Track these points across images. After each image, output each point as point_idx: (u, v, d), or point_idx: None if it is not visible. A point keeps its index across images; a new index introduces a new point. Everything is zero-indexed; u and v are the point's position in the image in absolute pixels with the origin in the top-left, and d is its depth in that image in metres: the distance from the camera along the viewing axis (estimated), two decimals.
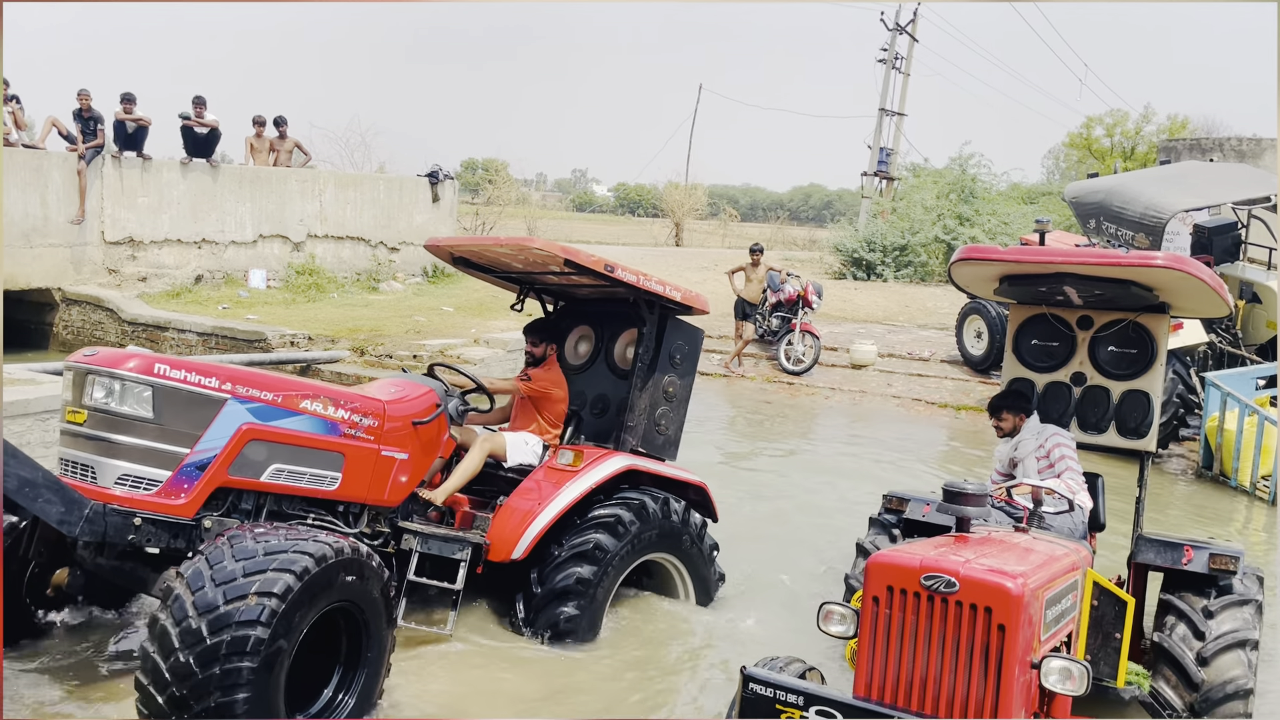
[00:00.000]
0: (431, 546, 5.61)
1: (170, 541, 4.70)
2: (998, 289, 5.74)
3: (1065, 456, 5.51)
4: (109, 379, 4.64)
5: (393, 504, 5.60)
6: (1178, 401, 11.96)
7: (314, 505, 5.26)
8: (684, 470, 6.49)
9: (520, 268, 6.34)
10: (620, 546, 5.79)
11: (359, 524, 5.48)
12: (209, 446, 4.74)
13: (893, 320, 18.98)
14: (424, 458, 5.72)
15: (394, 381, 5.91)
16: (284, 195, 18.09)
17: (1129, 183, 14.04)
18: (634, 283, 5.95)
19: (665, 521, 6.05)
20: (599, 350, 6.90)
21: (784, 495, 9.83)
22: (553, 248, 5.68)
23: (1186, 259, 5.01)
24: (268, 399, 4.95)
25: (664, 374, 6.44)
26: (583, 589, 5.65)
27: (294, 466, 5.05)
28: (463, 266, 6.66)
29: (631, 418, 6.30)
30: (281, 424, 4.97)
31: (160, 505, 4.64)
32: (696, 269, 22.16)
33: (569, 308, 7.02)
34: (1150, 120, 39.27)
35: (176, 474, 4.68)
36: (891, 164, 31.54)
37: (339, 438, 5.20)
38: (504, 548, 5.71)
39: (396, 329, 14.93)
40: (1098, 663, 4.89)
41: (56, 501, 4.36)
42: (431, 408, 5.71)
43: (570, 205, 64.10)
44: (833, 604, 4.22)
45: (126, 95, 16.01)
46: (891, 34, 31.70)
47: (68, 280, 15.54)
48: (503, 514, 5.83)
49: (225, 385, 4.82)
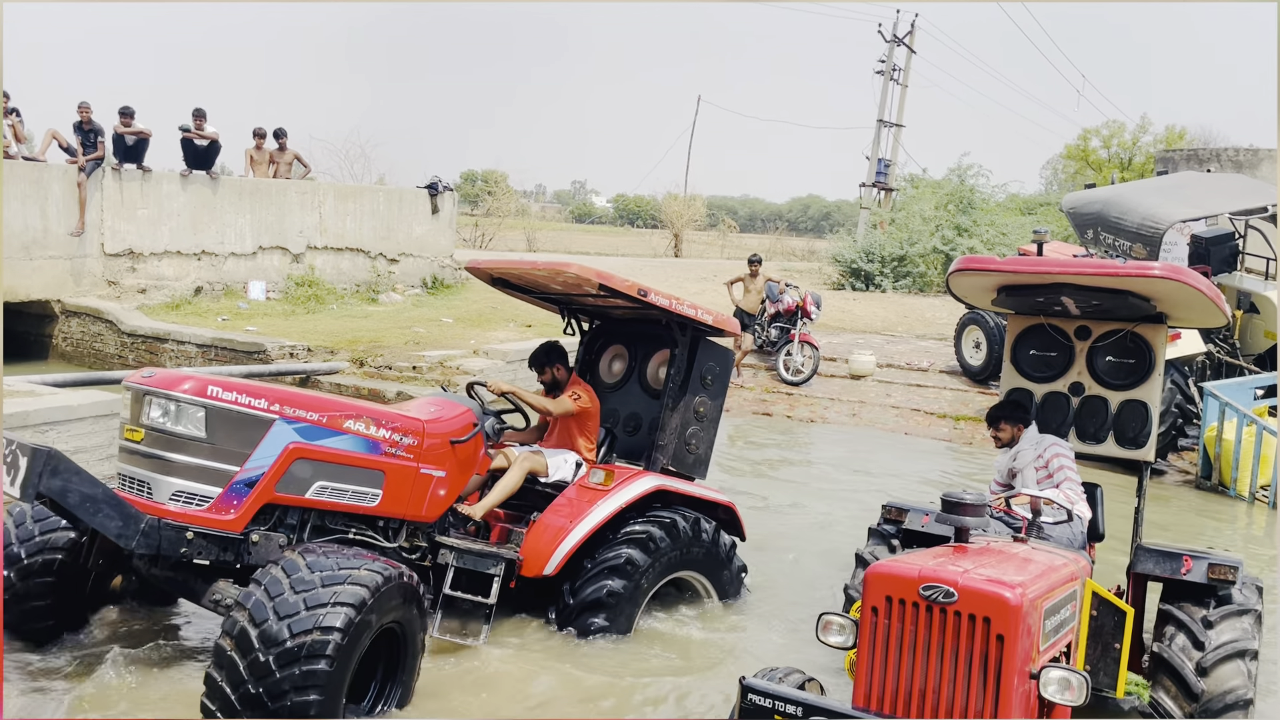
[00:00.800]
0: (466, 561, 5.75)
1: (220, 555, 4.91)
2: (996, 299, 5.76)
3: (1064, 467, 5.51)
4: (165, 400, 4.87)
5: (430, 519, 5.75)
6: (1176, 411, 11.97)
7: (355, 520, 5.45)
8: (713, 490, 6.65)
9: (559, 289, 6.49)
10: (651, 562, 5.95)
11: (398, 539, 5.65)
12: (257, 465, 4.94)
13: (891, 331, 19.00)
14: (461, 475, 5.89)
15: (433, 400, 6.08)
16: (283, 207, 18.12)
17: (1126, 193, 14.08)
18: (667, 306, 6.13)
19: (696, 541, 6.21)
20: (632, 369, 7.11)
21: (783, 505, 9.83)
22: (587, 272, 5.87)
23: (1184, 269, 5.02)
24: (313, 419, 5.15)
25: (695, 394, 6.61)
26: (613, 601, 5.81)
27: (337, 484, 5.24)
28: (502, 287, 6.84)
29: (663, 437, 6.48)
30: (326, 443, 5.18)
31: (211, 520, 4.85)
32: (695, 280, 22.18)
33: (604, 327, 7.25)
34: (1147, 131, 39.49)
35: (227, 491, 4.89)
36: (890, 175, 31.62)
37: (380, 456, 5.39)
38: (536, 563, 5.87)
39: (396, 340, 14.94)
40: (1097, 673, 4.89)
41: (115, 516, 4.60)
42: (469, 427, 5.88)
43: (569, 216, 64.24)
44: (831, 614, 4.22)
45: (125, 109, 16.03)
46: (889, 45, 31.82)
47: (67, 292, 15.55)
48: (536, 530, 6.00)
49: (274, 406, 5.04)
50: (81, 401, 8.11)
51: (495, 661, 5.63)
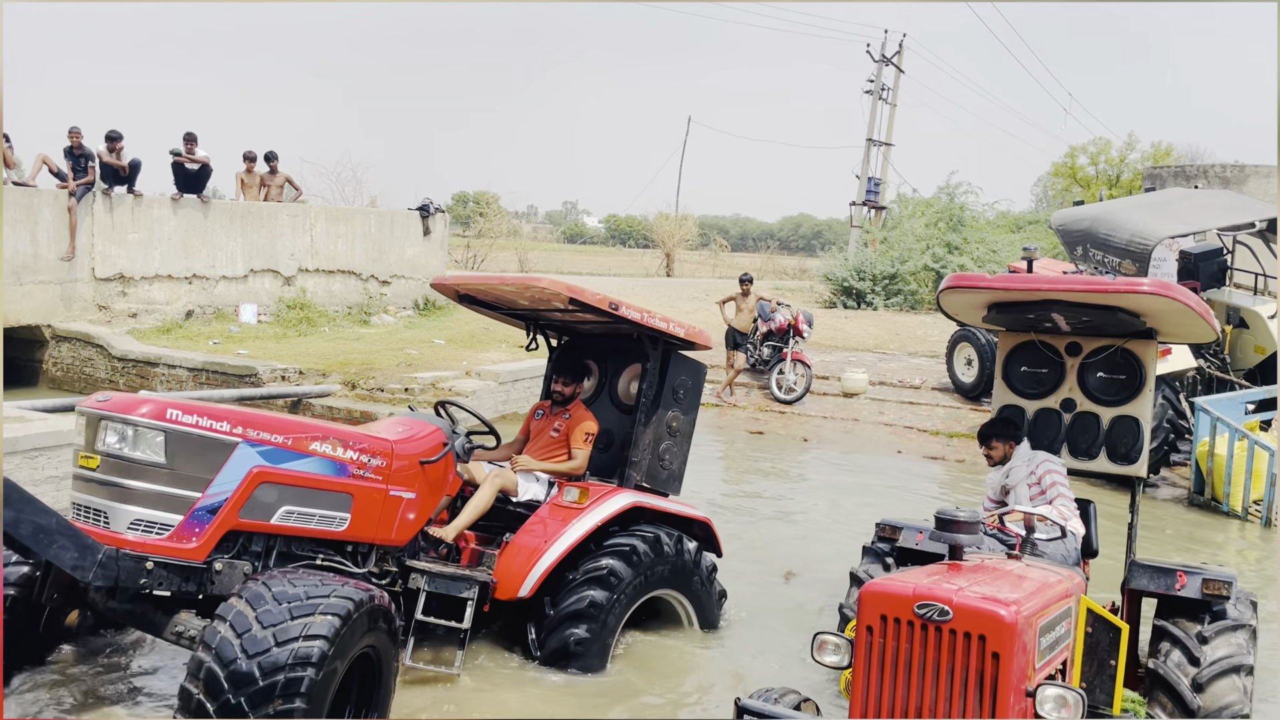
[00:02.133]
0: (439, 585, 5.61)
1: (181, 585, 4.73)
2: (986, 316, 5.78)
3: (1057, 483, 5.52)
4: (122, 424, 4.68)
5: (400, 543, 5.61)
6: (1168, 427, 11.99)
7: (322, 545, 5.28)
8: (688, 506, 6.56)
9: (526, 305, 6.39)
10: (634, 576, 5.86)
11: (367, 563, 5.50)
12: (220, 490, 4.79)
13: (883, 348, 19.03)
14: (432, 497, 5.76)
15: (401, 420, 5.94)
16: (275, 230, 18.12)
17: (1115, 210, 14.15)
18: (638, 320, 6.03)
19: (677, 558, 6.13)
20: (602, 385, 6.98)
21: (777, 524, 9.82)
22: (557, 286, 5.76)
23: (1173, 285, 5.05)
24: (278, 441, 4.99)
25: (668, 409, 6.51)
26: (595, 612, 5.69)
27: (304, 508, 5.09)
28: (469, 304, 6.73)
29: (636, 453, 6.36)
30: (291, 466, 5.02)
31: (172, 549, 4.68)
32: (688, 299, 22.21)
33: (573, 343, 7.10)
34: (1134, 148, 39.66)
35: (188, 518, 4.72)
36: (880, 194, 31.77)
37: (348, 478, 5.24)
38: (511, 585, 5.72)
39: (388, 362, 14.91)
40: (1093, 690, 4.88)
41: (70, 547, 4.40)
42: (439, 446, 5.75)
43: (561, 237, 64.34)
44: (826, 634, 4.21)
45: (111, 134, 16.02)
46: (878, 65, 32.03)
47: (58, 317, 15.50)
48: (509, 551, 5.85)
49: (236, 429, 4.87)
50: (71, 427, 8.04)
51: (472, 689, 5.50)
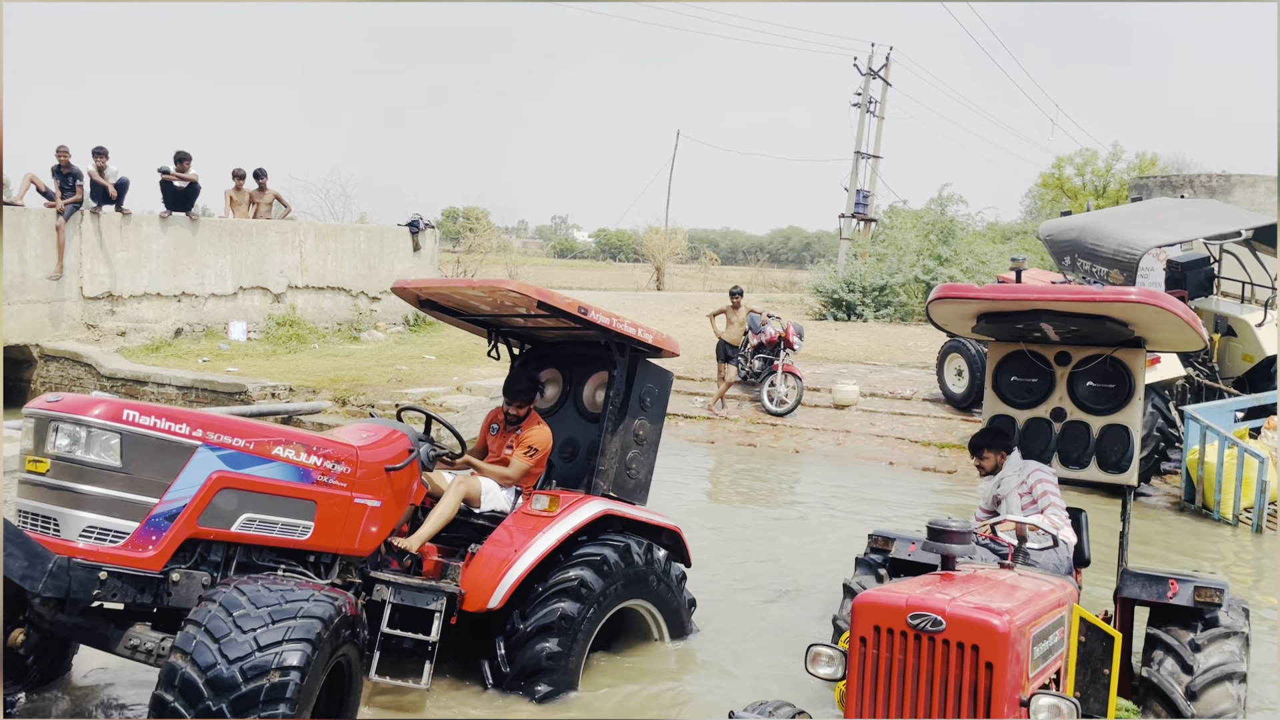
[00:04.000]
0: (404, 597, 5.44)
1: (136, 597, 4.50)
2: (975, 327, 5.79)
3: (1048, 492, 5.52)
4: (74, 426, 4.42)
5: (364, 553, 5.41)
6: (1158, 435, 12.03)
7: (283, 555, 5.07)
8: (658, 515, 6.45)
9: (488, 310, 6.22)
10: (605, 587, 5.71)
11: (330, 574, 5.29)
12: (179, 496, 4.56)
13: (874, 360, 19.06)
14: (397, 505, 5.55)
15: (365, 426, 5.74)
16: (264, 247, 18.10)
17: (1102, 220, 14.23)
18: (606, 325, 5.91)
19: (647, 567, 6.01)
20: (567, 393, 6.83)
21: (770, 537, 9.80)
22: (526, 289, 5.64)
23: (1160, 294, 5.07)
24: (240, 445, 4.78)
25: (634, 417, 6.36)
26: (566, 625, 5.52)
27: (265, 516, 4.87)
28: (429, 309, 6.52)
29: (603, 462, 6.21)
30: (254, 472, 4.81)
31: (127, 558, 4.44)
32: (678, 312, 22.22)
33: (535, 350, 6.93)
34: (1120, 158, 39.94)
35: (144, 525, 4.48)
36: (869, 206, 31.89)
37: (312, 485, 5.04)
38: (479, 597, 5.56)
39: (378, 378, 14.88)
40: (1087, 699, 4.87)
41: (19, 555, 4.13)
42: (404, 453, 5.55)
43: (551, 252, 64.38)
44: (820, 646, 4.20)
45: (98, 149, 15.99)
46: (865, 78, 32.22)
47: (45, 336, 15.45)
48: (478, 562, 5.67)
49: (196, 432, 4.66)
50: None
51: (440, 706, 5.38)
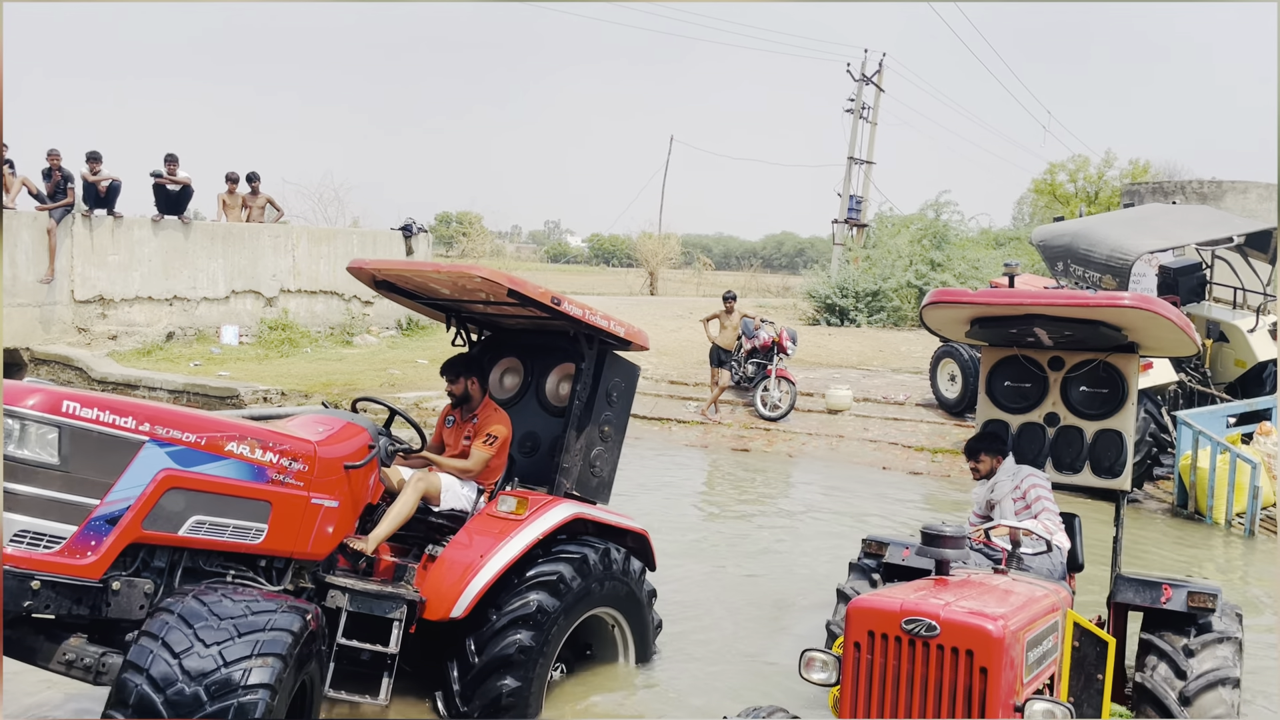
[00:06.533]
0: (362, 604, 5.02)
1: (72, 607, 4.09)
2: (969, 332, 5.79)
3: (1041, 497, 5.52)
4: (7, 418, 3.98)
5: (319, 557, 4.99)
6: (1150, 440, 12.05)
7: (233, 560, 4.68)
8: (625, 517, 6.14)
9: (447, 294, 5.86)
10: (562, 607, 5.28)
11: (283, 580, 4.90)
12: (122, 496, 4.15)
13: (867, 365, 19.08)
14: (354, 505, 5.12)
15: (319, 419, 5.25)
16: (257, 251, 18.06)
17: (1094, 226, 14.27)
18: (579, 317, 5.60)
19: (606, 574, 5.62)
20: (528, 385, 6.46)
21: (764, 542, 9.79)
22: (498, 276, 5.31)
23: (1153, 299, 5.07)
24: (190, 441, 4.37)
25: (601, 412, 6.04)
26: (525, 658, 5.10)
27: (216, 518, 4.46)
28: (385, 291, 6.13)
29: (567, 459, 5.86)
30: (205, 469, 4.40)
31: (64, 566, 4.02)
32: (672, 317, 22.23)
33: (494, 338, 6.59)
34: (1112, 165, 40.11)
35: (83, 529, 4.08)
36: (862, 211, 31.95)
37: (266, 484, 4.63)
38: (442, 605, 5.14)
39: (371, 382, 14.84)
40: (1081, 704, 4.86)
41: None
42: (364, 449, 5.14)
43: (544, 256, 64.43)
44: (814, 651, 4.19)
45: (92, 154, 15.95)
46: (858, 84, 32.28)
47: (36, 340, 15.39)
48: (440, 567, 5.26)
49: (143, 425, 4.24)
50: None
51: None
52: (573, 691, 5.81)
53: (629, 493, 11.11)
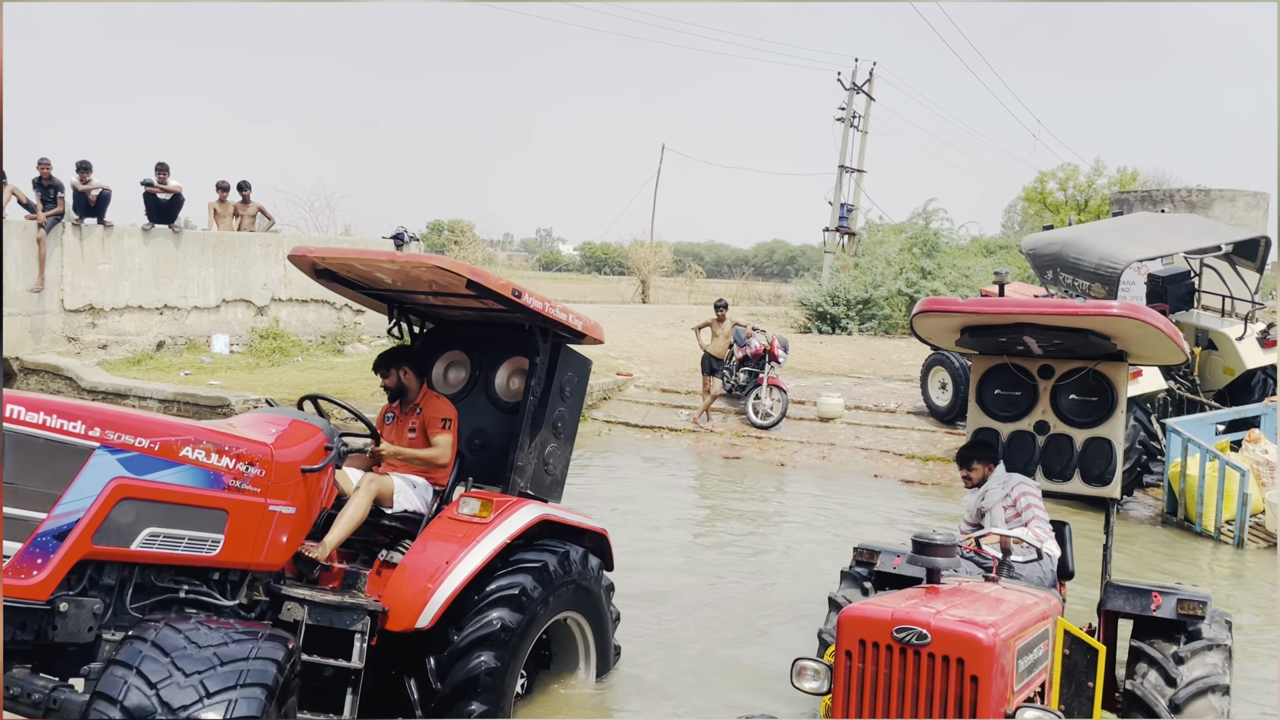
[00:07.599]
0: (320, 617, 4.73)
1: (15, 634, 3.81)
2: (959, 340, 5.82)
3: (1031, 505, 5.54)
4: None
5: (274, 567, 4.71)
6: (1140, 448, 12.10)
7: (185, 573, 4.40)
8: (585, 517, 5.92)
9: (390, 284, 5.59)
10: (525, 621, 5.05)
11: (238, 594, 4.61)
12: (71, 509, 3.85)
13: (858, 373, 19.11)
14: (309, 511, 4.82)
15: (269, 417, 4.93)
16: (247, 260, 18.03)
17: (1084, 234, 14.34)
18: (539, 309, 5.35)
19: (566, 578, 5.38)
20: (475, 379, 6.19)
21: (756, 550, 9.80)
22: (458, 267, 5.05)
23: (1142, 307, 5.10)
24: (143, 446, 4.08)
25: (555, 407, 5.79)
26: (492, 679, 4.84)
27: (170, 529, 4.18)
28: (326, 281, 5.84)
29: (522, 456, 5.59)
30: (158, 477, 4.12)
31: (7, 588, 3.74)
32: (663, 325, 22.24)
33: (437, 330, 6.32)
34: (1101, 173, 40.29)
35: (28, 547, 3.78)
36: (852, 219, 32.04)
37: (223, 491, 4.34)
38: (406, 615, 4.86)
39: (362, 391, 14.81)
40: (1071, 712, 4.87)
41: None
42: (321, 451, 4.85)
43: (536, 264, 64.45)
44: (806, 660, 4.20)
45: (82, 164, 15.91)
46: (849, 93, 32.38)
47: (26, 349, 15.32)
48: (403, 574, 5.00)
49: (93, 430, 3.95)
50: None
51: None
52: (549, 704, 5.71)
53: (617, 500, 11.11)
